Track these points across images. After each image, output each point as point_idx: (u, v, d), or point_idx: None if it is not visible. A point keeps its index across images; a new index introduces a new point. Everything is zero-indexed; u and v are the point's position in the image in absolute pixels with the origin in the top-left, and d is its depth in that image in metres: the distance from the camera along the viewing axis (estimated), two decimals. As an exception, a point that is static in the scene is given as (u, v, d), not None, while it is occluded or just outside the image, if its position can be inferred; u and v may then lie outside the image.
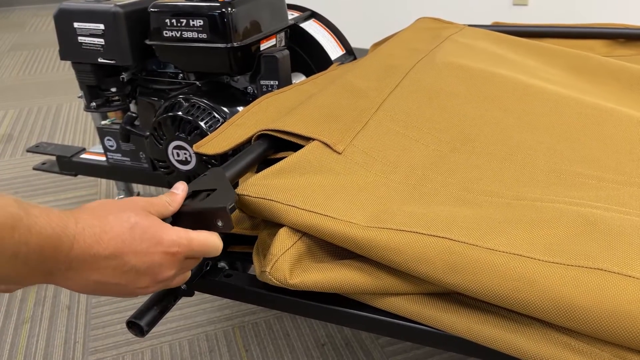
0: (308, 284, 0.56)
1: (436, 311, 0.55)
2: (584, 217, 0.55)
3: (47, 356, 1.20)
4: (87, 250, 0.44)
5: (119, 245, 0.46)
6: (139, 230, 0.47)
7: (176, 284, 0.54)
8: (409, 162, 0.70)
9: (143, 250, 0.47)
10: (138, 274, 0.48)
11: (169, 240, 0.49)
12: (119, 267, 0.46)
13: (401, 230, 0.54)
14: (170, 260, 0.49)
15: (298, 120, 0.74)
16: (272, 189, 0.61)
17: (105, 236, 0.45)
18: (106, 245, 0.45)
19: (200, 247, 0.51)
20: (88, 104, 1.20)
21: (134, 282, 0.48)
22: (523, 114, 0.82)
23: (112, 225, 0.46)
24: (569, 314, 0.47)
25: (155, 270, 0.49)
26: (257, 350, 1.20)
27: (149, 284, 0.49)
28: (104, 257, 0.45)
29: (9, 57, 3.39)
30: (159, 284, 0.50)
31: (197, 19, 1.05)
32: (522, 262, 0.50)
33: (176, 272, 0.51)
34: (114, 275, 0.47)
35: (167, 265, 0.49)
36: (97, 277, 0.46)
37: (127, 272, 0.47)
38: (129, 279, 0.48)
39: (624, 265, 0.48)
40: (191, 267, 0.54)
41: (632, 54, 1.25)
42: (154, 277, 0.49)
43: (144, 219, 0.48)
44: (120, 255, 0.46)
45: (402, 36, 1.14)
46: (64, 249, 0.43)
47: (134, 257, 0.47)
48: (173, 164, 1.13)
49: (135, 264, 0.47)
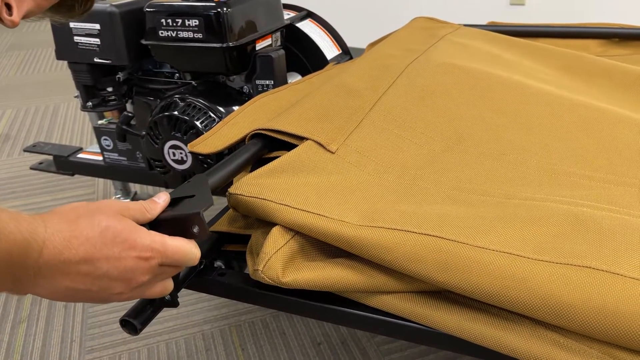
0: (301, 282, 0.56)
1: (428, 309, 0.55)
2: (574, 216, 0.56)
3: (44, 355, 1.21)
4: (57, 255, 0.43)
5: (90, 250, 0.45)
6: (111, 234, 0.46)
7: (157, 294, 0.52)
8: (402, 162, 0.71)
9: (115, 255, 0.46)
10: (110, 279, 0.46)
11: (142, 244, 0.47)
12: (90, 272, 0.45)
13: (393, 229, 0.55)
14: (144, 265, 0.47)
15: (292, 120, 0.74)
16: (265, 188, 0.62)
17: (75, 241, 0.44)
18: (76, 250, 0.44)
19: (175, 254, 0.49)
20: (84, 104, 1.21)
21: (107, 288, 0.47)
22: (517, 113, 0.82)
23: (83, 229, 0.45)
24: (558, 311, 0.47)
25: (129, 275, 0.47)
26: (254, 348, 1.20)
27: (123, 290, 0.48)
28: (75, 262, 0.44)
29: (6, 57, 3.39)
30: (134, 290, 0.49)
31: (192, 18, 1.05)
32: (512, 260, 0.50)
33: (151, 279, 0.49)
34: (85, 282, 0.45)
35: (141, 271, 0.47)
36: (68, 283, 0.45)
37: (99, 277, 0.46)
38: (101, 285, 0.46)
39: (611, 263, 0.48)
40: (170, 275, 0.52)
41: (626, 53, 1.26)
42: (128, 283, 0.48)
43: (117, 222, 0.47)
44: (91, 260, 0.45)
45: (397, 36, 1.14)
46: (33, 255, 0.42)
47: (105, 263, 0.45)
48: (169, 163, 1.13)
49: (107, 269, 0.46)
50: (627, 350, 0.48)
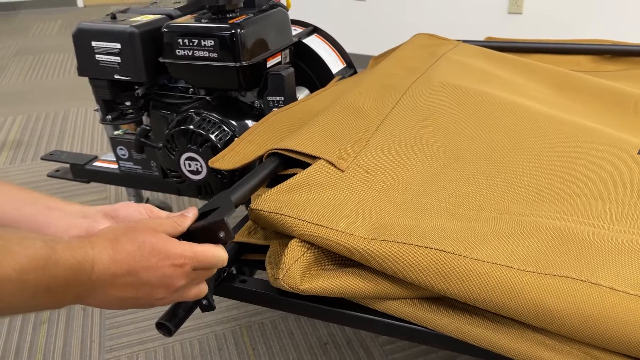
0: (316, 289, 0.63)
1: (429, 313, 0.62)
2: (559, 231, 0.63)
3: (66, 354, 1.28)
4: (105, 271, 0.50)
5: (132, 263, 0.51)
6: (148, 247, 0.52)
7: (194, 296, 0.59)
8: (406, 179, 0.78)
9: (153, 265, 0.52)
10: (152, 286, 0.54)
11: (175, 253, 0.54)
12: (134, 282, 0.52)
13: (398, 242, 0.62)
14: (180, 271, 0.54)
15: (305, 140, 0.81)
16: (284, 205, 0.69)
17: (118, 256, 0.51)
18: (120, 264, 0.51)
19: (205, 258, 0.56)
20: (104, 117, 1.28)
21: (150, 294, 0.54)
22: (510, 131, 0.89)
23: (124, 245, 0.52)
24: (543, 316, 0.54)
25: (167, 281, 0.54)
26: (264, 348, 1.27)
27: (164, 295, 0.55)
28: (120, 275, 0.51)
29: (14, 62, 3.45)
30: (174, 294, 0.56)
31: (208, 39, 1.12)
32: (504, 271, 0.57)
33: (187, 283, 0.56)
34: (132, 290, 0.53)
35: (177, 276, 0.54)
36: (118, 293, 0.52)
37: (142, 286, 0.53)
38: (145, 292, 0.54)
39: (590, 274, 0.55)
40: (204, 278, 0.59)
41: (617, 69, 1.33)
42: (168, 288, 0.55)
43: (152, 236, 0.54)
44: (134, 271, 0.52)
45: (399, 54, 1.21)
46: (86, 273, 0.49)
47: (146, 272, 0.52)
48: (185, 173, 1.20)
49: (149, 278, 0.52)
50: (603, 350, 0.55)
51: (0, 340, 1.32)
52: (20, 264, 0.43)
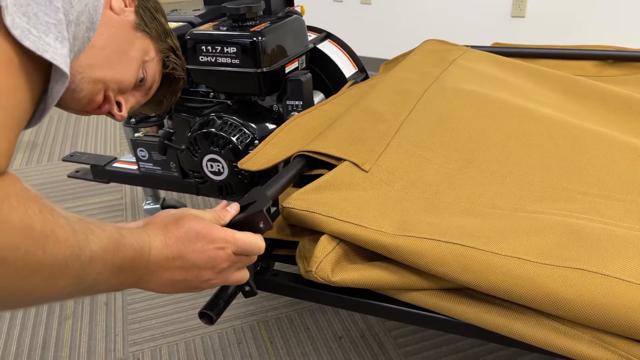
0: (347, 281, 0.68)
1: (451, 303, 0.68)
2: (571, 227, 0.68)
3: (91, 347, 1.33)
4: (159, 255, 0.56)
5: (180, 247, 0.57)
6: (194, 233, 0.58)
7: (237, 280, 0.64)
8: (425, 179, 0.84)
9: (199, 248, 0.58)
10: (199, 268, 0.59)
11: (218, 237, 0.59)
12: (183, 265, 0.58)
13: (423, 238, 0.67)
14: (222, 254, 0.60)
15: (330, 143, 0.86)
16: (314, 203, 0.74)
17: (169, 241, 0.57)
18: (171, 248, 0.57)
19: (244, 243, 0.62)
20: (128, 120, 1.33)
21: (198, 276, 0.59)
22: (521, 135, 0.95)
23: (172, 231, 0.58)
24: (557, 304, 0.60)
25: (212, 263, 0.59)
26: (281, 342, 1.33)
27: (210, 276, 0.60)
28: (171, 258, 0.57)
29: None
30: (219, 276, 0.61)
31: (230, 46, 1.17)
32: (520, 264, 0.63)
33: (230, 266, 0.61)
34: (182, 272, 0.58)
35: (221, 258, 0.60)
36: (170, 275, 0.58)
37: (191, 268, 0.58)
38: (193, 274, 0.59)
39: (599, 266, 0.61)
40: (245, 263, 0.64)
41: (620, 74, 1.38)
42: (213, 270, 0.60)
43: (196, 223, 0.59)
44: (183, 255, 0.57)
45: (412, 60, 1.26)
46: (145, 257, 0.55)
47: (193, 255, 0.58)
48: (207, 174, 1.26)
49: (195, 260, 0.58)
50: (612, 334, 0.60)
51: (27, 335, 1.38)
52: (104, 243, 0.48)
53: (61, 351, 1.33)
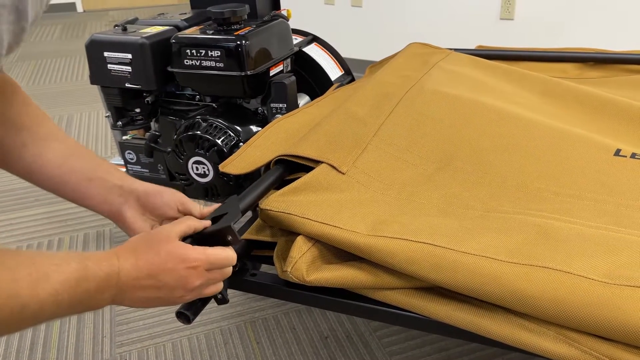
0: (321, 280, 0.70)
1: (423, 301, 0.69)
2: (539, 227, 0.70)
3: (79, 349, 1.34)
4: (129, 275, 0.58)
5: (152, 268, 0.60)
6: (164, 253, 0.60)
7: (211, 293, 0.66)
8: (401, 181, 0.85)
9: (170, 268, 0.60)
10: (171, 287, 0.61)
11: (188, 257, 0.62)
12: (155, 284, 0.60)
13: (394, 238, 0.69)
14: (194, 272, 0.62)
15: (308, 146, 0.88)
16: (290, 205, 0.76)
17: (140, 262, 0.59)
18: (141, 269, 0.59)
19: (216, 259, 0.64)
20: (115, 123, 1.34)
21: (170, 294, 0.62)
22: (498, 136, 0.96)
23: (143, 253, 0.60)
24: (522, 302, 0.61)
25: (183, 282, 0.62)
26: (267, 342, 1.34)
27: (183, 293, 0.63)
28: (142, 278, 0.59)
29: (17, 67, 3.51)
30: (192, 292, 0.63)
31: (215, 50, 1.19)
32: (489, 263, 0.64)
33: (203, 282, 0.64)
34: (154, 291, 0.60)
35: (193, 277, 0.62)
36: (142, 294, 0.60)
37: (162, 287, 0.61)
38: (165, 292, 0.61)
39: (564, 264, 0.62)
40: (219, 278, 0.66)
41: (600, 76, 1.41)
42: (185, 288, 0.62)
43: (167, 244, 0.62)
44: (154, 275, 0.60)
45: (394, 63, 1.28)
46: (114, 280, 0.57)
47: (164, 275, 0.60)
48: (192, 177, 1.27)
49: (167, 280, 0.60)
50: (576, 331, 0.62)
51: (15, 336, 1.39)
52: (55, 289, 0.51)
53: (49, 352, 1.34)
